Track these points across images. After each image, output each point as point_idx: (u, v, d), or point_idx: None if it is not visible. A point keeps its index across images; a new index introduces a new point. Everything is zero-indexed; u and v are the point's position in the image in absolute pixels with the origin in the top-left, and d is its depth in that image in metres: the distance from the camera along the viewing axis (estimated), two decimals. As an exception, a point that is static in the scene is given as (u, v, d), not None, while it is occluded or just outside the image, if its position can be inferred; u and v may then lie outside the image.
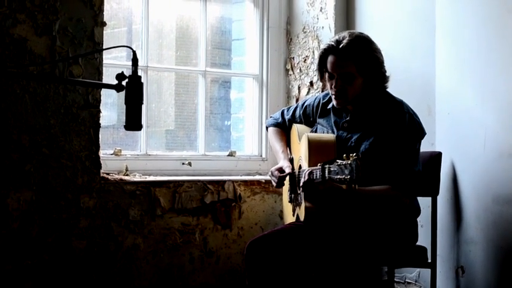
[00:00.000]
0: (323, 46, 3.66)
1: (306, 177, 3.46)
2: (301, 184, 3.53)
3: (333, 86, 3.60)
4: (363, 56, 3.53)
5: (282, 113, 4.09)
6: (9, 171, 3.76)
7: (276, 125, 4.10)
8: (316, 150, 3.55)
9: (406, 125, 3.53)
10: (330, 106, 3.78)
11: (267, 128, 4.19)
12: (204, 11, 4.78)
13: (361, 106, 3.64)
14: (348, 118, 3.67)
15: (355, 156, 3.05)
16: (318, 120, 3.84)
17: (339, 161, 3.15)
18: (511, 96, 3.77)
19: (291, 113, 4.03)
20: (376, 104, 3.62)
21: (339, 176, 3.12)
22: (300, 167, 3.68)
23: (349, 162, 3.07)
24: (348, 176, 3.06)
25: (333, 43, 3.58)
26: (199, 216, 4.38)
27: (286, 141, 4.03)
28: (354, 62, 3.52)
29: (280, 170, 3.84)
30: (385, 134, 3.52)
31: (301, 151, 3.71)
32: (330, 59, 3.59)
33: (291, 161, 3.91)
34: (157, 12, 4.66)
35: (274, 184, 3.88)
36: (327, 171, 3.24)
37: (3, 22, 3.73)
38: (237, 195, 4.52)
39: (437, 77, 4.19)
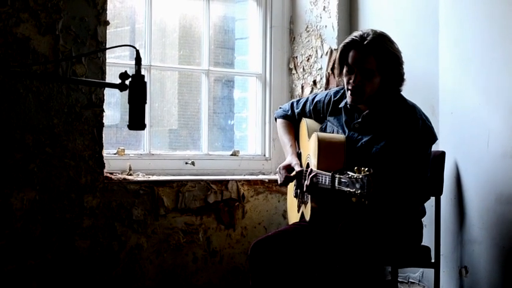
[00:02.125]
0: (346, 40, 3.64)
1: (309, 182, 3.46)
2: (304, 189, 3.53)
3: (351, 81, 3.58)
4: (385, 54, 3.54)
5: (292, 105, 4.06)
6: (13, 170, 3.76)
7: (285, 116, 4.07)
8: (325, 150, 3.54)
9: (419, 131, 3.52)
10: (341, 105, 3.75)
11: (275, 119, 4.16)
12: (207, 10, 4.77)
13: (374, 108, 3.62)
14: (359, 119, 3.65)
15: (366, 171, 3.05)
16: (328, 118, 3.83)
17: (350, 173, 3.14)
18: (515, 95, 3.77)
19: (300, 107, 4.00)
20: (389, 107, 3.61)
21: (349, 189, 3.12)
22: (308, 165, 3.67)
23: (360, 176, 3.06)
24: (359, 191, 3.06)
25: (357, 38, 3.58)
26: (203, 216, 4.38)
27: (295, 135, 4.02)
28: (376, 58, 3.53)
29: (288, 167, 3.83)
30: (398, 139, 3.51)
31: (310, 149, 3.70)
32: (352, 53, 3.58)
33: (299, 155, 3.90)
34: (161, 11, 4.66)
35: (279, 181, 3.86)
36: (337, 181, 3.24)
37: (6, 21, 3.73)
38: (240, 194, 4.51)
39: (441, 76, 4.18)
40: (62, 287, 3.92)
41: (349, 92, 3.62)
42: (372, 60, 3.52)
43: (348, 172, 3.16)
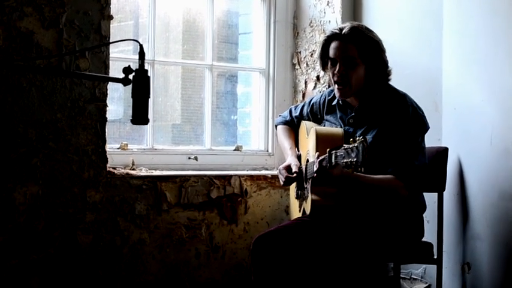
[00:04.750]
0: (326, 34, 3.74)
1: (317, 165, 3.43)
2: (314, 175, 3.49)
3: (335, 72, 3.63)
4: (364, 41, 3.60)
5: (290, 111, 4.13)
6: (16, 165, 3.76)
7: (285, 123, 4.13)
8: (323, 143, 3.55)
9: (409, 117, 3.55)
10: (334, 102, 3.80)
11: (276, 126, 4.21)
12: (211, 5, 4.77)
13: (366, 101, 3.66)
14: (353, 113, 3.68)
15: (361, 139, 3.06)
16: (326, 117, 3.86)
17: (345, 145, 3.16)
18: (518, 91, 3.77)
19: (298, 111, 4.06)
20: (380, 98, 3.64)
21: (345, 160, 3.13)
22: (308, 161, 3.68)
23: (355, 145, 3.08)
24: (355, 159, 3.07)
25: (336, 30, 3.67)
26: (206, 211, 4.38)
27: (295, 139, 4.05)
28: (356, 46, 3.59)
29: (288, 168, 3.85)
30: (388, 126, 3.54)
31: (309, 145, 3.72)
32: (332, 45, 3.66)
33: (299, 157, 3.91)
34: (164, 5, 4.66)
35: (281, 182, 3.88)
36: (333, 156, 3.24)
37: (10, 15, 3.73)
38: (243, 190, 4.51)
39: (444, 72, 4.18)
40: (65, 281, 3.92)
41: (336, 85, 3.67)
42: (352, 48, 3.59)
43: (344, 145, 3.17)
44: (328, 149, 3.31)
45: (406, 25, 4.49)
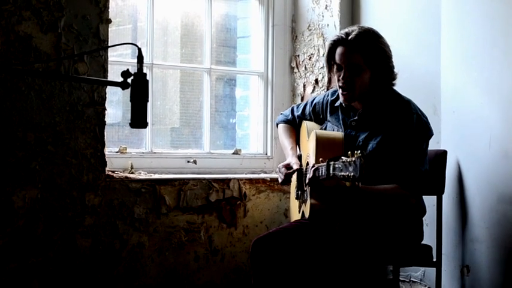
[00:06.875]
0: (332, 38, 3.68)
1: (311, 174, 3.45)
2: (306, 181, 3.53)
3: (340, 78, 3.60)
4: (371, 48, 3.55)
5: (292, 110, 4.10)
6: (15, 168, 3.76)
7: (286, 121, 4.11)
8: (323, 147, 3.54)
9: (414, 125, 3.53)
10: (337, 103, 3.78)
11: (277, 124, 4.20)
12: (209, 9, 4.77)
13: (369, 105, 3.64)
14: (356, 117, 3.66)
15: (359, 153, 3.05)
16: (328, 118, 3.85)
17: (344, 158, 3.14)
18: (517, 94, 3.77)
19: (300, 110, 4.04)
20: (384, 103, 3.62)
21: (342, 173, 3.12)
22: (308, 163, 3.68)
23: (353, 159, 3.06)
24: (352, 174, 3.05)
25: (342, 35, 3.60)
26: (205, 215, 4.37)
27: (296, 138, 4.03)
28: (362, 54, 3.54)
29: (288, 166, 3.85)
30: (393, 134, 3.52)
31: (309, 148, 3.71)
32: (338, 50, 3.61)
33: (299, 157, 3.91)
34: (163, 9, 4.66)
35: (280, 180, 3.87)
36: (331, 168, 3.24)
37: (8, 19, 3.73)
38: (242, 193, 4.51)
39: (443, 75, 4.18)
40: (64, 285, 3.92)
41: (340, 90, 3.64)
42: (358, 56, 3.54)
43: (342, 157, 3.16)
44: (327, 159, 3.30)
45: (405, 28, 4.49)
